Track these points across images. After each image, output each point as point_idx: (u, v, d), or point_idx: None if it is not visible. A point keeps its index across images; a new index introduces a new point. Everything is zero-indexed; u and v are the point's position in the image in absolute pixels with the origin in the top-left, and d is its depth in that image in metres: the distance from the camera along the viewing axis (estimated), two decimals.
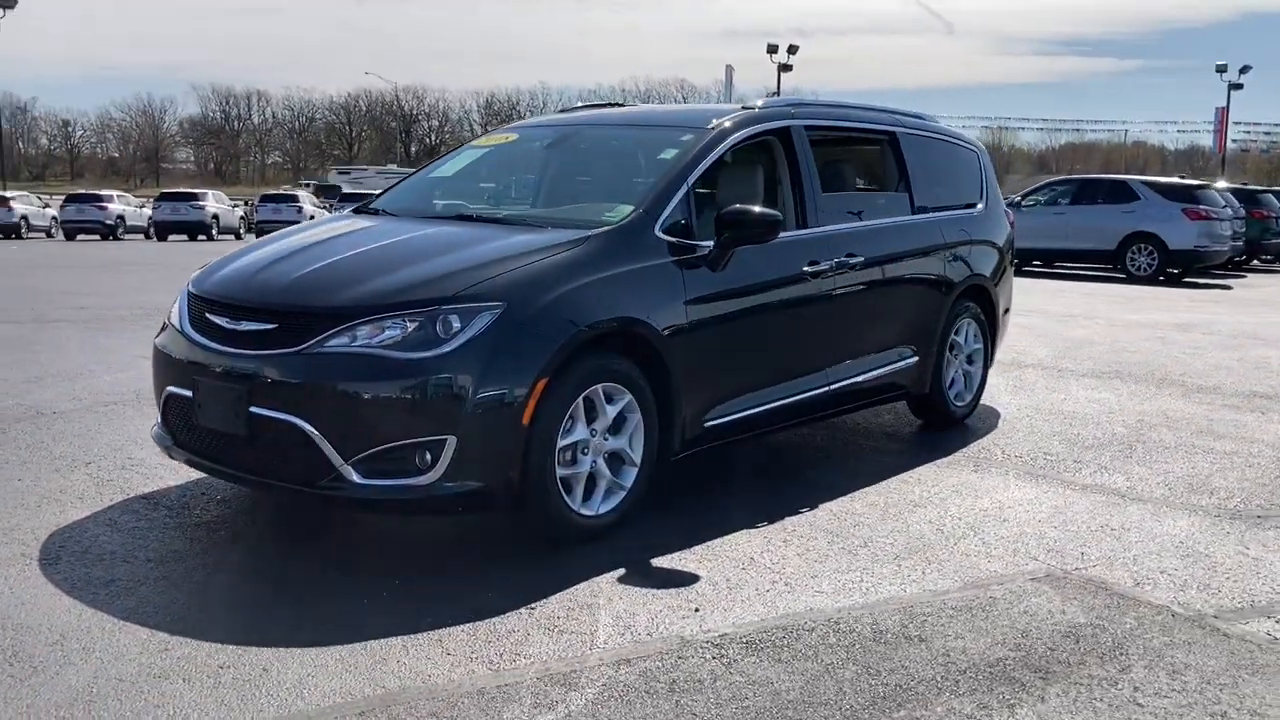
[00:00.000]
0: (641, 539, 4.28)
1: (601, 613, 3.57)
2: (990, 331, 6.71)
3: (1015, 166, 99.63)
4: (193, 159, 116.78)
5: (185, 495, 4.80)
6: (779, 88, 55.86)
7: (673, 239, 4.56)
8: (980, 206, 6.75)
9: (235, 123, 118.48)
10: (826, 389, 5.34)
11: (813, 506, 4.80)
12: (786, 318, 5.09)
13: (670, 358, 4.41)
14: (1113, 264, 20.12)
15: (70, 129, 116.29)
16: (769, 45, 57.15)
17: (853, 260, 5.40)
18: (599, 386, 4.18)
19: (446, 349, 3.82)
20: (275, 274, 4.31)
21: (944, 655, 3.27)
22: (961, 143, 6.89)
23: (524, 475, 3.94)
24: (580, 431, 4.14)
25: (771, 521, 4.57)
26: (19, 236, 35.68)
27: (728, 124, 5.11)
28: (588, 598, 3.70)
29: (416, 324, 3.86)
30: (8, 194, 38.56)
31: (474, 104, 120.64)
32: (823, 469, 5.51)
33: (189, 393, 4.16)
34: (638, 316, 4.29)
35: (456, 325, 3.86)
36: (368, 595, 3.68)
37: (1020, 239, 8.42)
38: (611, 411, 4.25)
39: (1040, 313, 12.88)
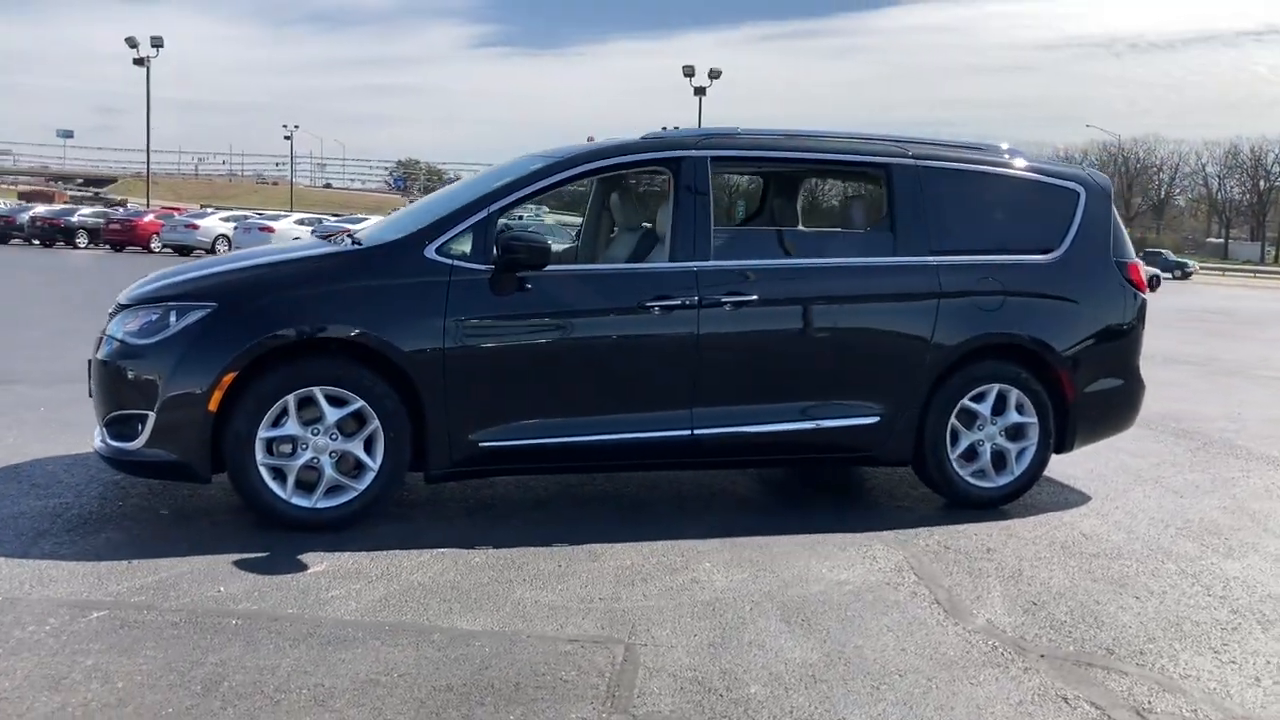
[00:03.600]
0: (346, 543, 4.50)
1: (179, 578, 3.99)
2: (1058, 407, 5.46)
3: None
4: None
5: None
6: None
7: (446, 260, 4.72)
8: (1055, 254, 5.55)
9: None
10: (689, 434, 4.95)
11: (496, 545, 4.54)
12: (609, 350, 4.87)
13: (418, 372, 4.58)
14: None
15: None
16: None
17: (738, 299, 4.95)
18: (316, 389, 4.52)
19: (159, 338, 4.50)
20: None
21: None
22: (1048, 179, 5.71)
23: (219, 457, 4.46)
24: (293, 427, 4.52)
25: (449, 546, 4.48)
26: None
27: (568, 157, 5.06)
28: (201, 567, 4.11)
29: (155, 317, 4.58)
30: None
31: (1208, 155, 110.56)
32: (620, 517, 5.07)
33: None
34: (367, 329, 4.54)
35: (173, 319, 4.52)
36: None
37: None
38: (334, 414, 4.55)
39: None
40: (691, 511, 5.23)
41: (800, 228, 6.05)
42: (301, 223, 36.33)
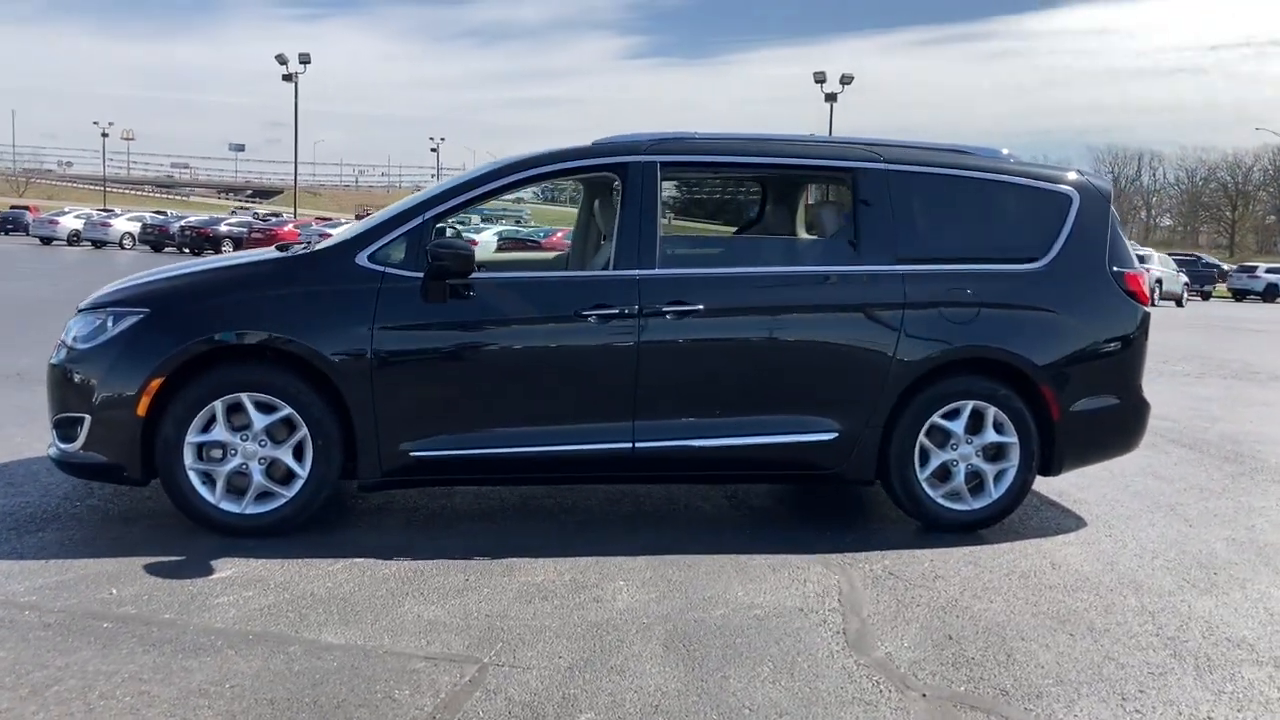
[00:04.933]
0: (266, 549, 4.51)
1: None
2: (1042, 426, 5.11)
3: None
4: None
5: None
6: None
7: (378, 267, 4.69)
8: (1040, 263, 5.20)
9: (1122, 183, 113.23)
10: (629, 446, 4.80)
11: (415, 557, 4.47)
12: (545, 360, 4.76)
13: (343, 379, 4.57)
14: None
15: None
16: None
17: (682, 309, 4.79)
18: (244, 395, 4.55)
19: (97, 343, 4.60)
20: None
21: None
22: (1038, 183, 5.34)
23: (149, 461, 4.53)
24: (222, 433, 4.56)
25: (368, 556, 4.42)
26: None
27: (511, 163, 4.98)
28: (111, 569, 4.17)
29: (98, 322, 4.68)
30: None
31: None
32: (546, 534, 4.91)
33: None
34: (291, 335, 4.55)
35: (110, 325, 4.62)
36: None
37: None
38: (263, 420, 4.57)
39: None
40: (639, 526, 5.07)
41: (757, 235, 5.83)
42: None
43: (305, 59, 55.42)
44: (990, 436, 5.08)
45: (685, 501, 5.54)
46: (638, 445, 4.82)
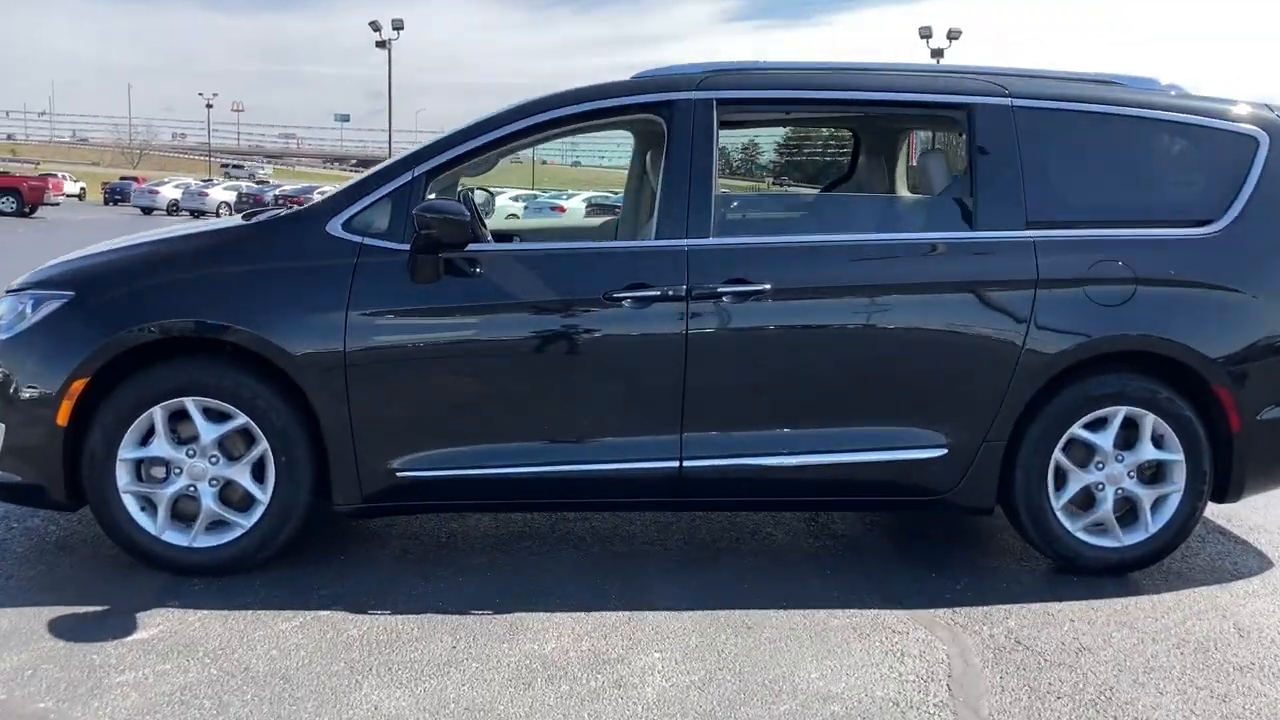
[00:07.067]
0: (215, 596, 3.59)
1: None
2: (1217, 439, 3.92)
3: None
4: None
5: None
6: None
7: (354, 238, 3.71)
8: (1217, 226, 3.97)
9: None
10: (675, 466, 3.76)
11: (396, 610, 3.47)
12: (562, 356, 3.74)
13: (310, 379, 3.62)
14: None
15: None
16: None
17: (744, 289, 3.71)
18: (189, 400, 3.63)
19: (14, 333, 3.70)
20: None
21: None
22: (1214, 122, 4.08)
23: (73, 480, 3.64)
24: (163, 448, 3.65)
25: (340, 608, 3.45)
26: None
27: (523, 105, 3.93)
28: (7, 624, 3.30)
29: (20, 307, 3.79)
30: None
31: None
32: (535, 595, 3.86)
33: None
34: (241, 325, 3.59)
35: (29, 311, 3.72)
36: None
37: None
38: (213, 431, 3.65)
39: None
40: (690, 564, 4.02)
41: (840, 193, 4.69)
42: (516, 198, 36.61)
43: (399, 25, 54.89)
44: (1148, 453, 3.90)
45: (753, 527, 4.46)
46: (687, 464, 3.77)
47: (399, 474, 3.71)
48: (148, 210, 45.75)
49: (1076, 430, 3.89)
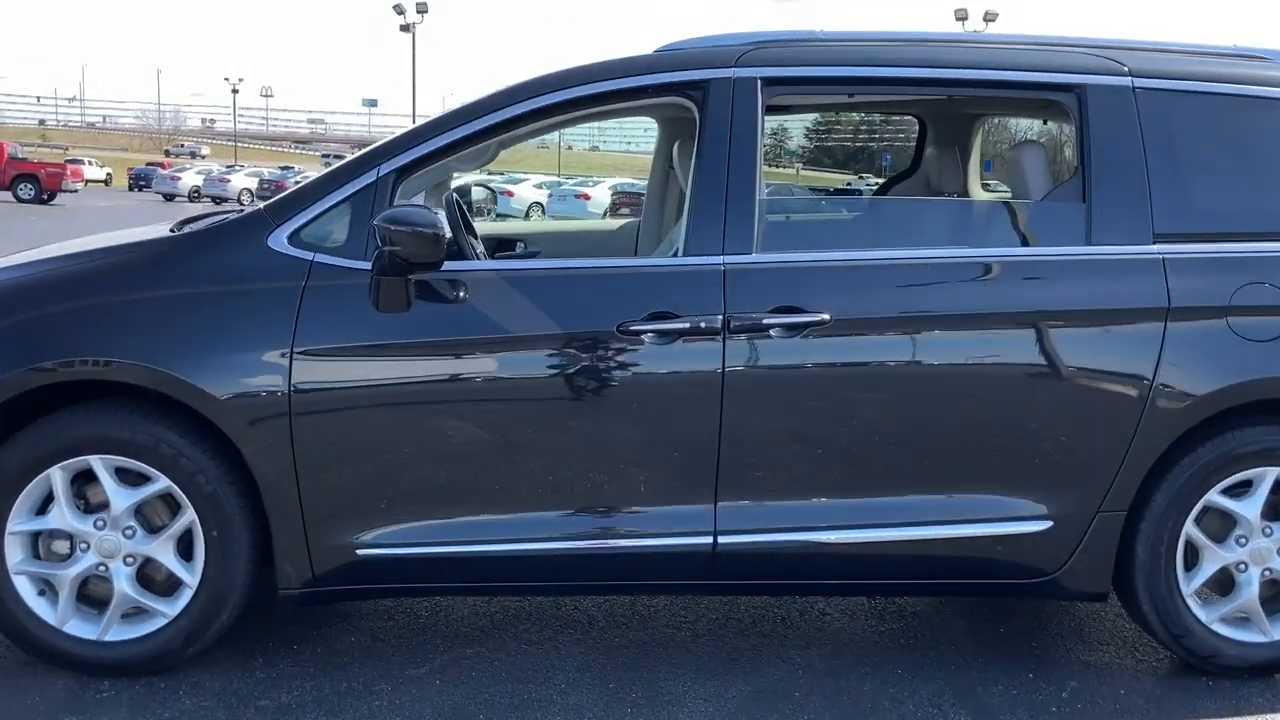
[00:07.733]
0: (123, 708, 2.85)
1: None
2: None
3: None
4: None
5: None
6: None
7: (303, 253, 2.95)
8: None
9: None
10: (708, 543, 2.98)
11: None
12: (565, 405, 2.96)
13: (242, 433, 2.87)
14: None
15: None
16: None
17: (796, 320, 2.91)
18: (96, 459, 2.88)
19: None
20: None
21: None
22: None
23: None
24: (64, 517, 2.91)
25: None
26: None
27: (521, 85, 3.14)
28: None
29: None
30: None
31: None
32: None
33: None
34: (155, 365, 2.84)
35: None
36: None
37: None
38: (127, 498, 2.90)
39: None
40: (727, 659, 3.23)
41: (915, 198, 3.87)
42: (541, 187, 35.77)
43: (423, 8, 54.19)
44: None
45: (802, 604, 3.66)
46: (721, 540, 2.98)
47: (358, 551, 2.96)
48: (169, 197, 45.29)
49: (1214, 497, 3.08)
